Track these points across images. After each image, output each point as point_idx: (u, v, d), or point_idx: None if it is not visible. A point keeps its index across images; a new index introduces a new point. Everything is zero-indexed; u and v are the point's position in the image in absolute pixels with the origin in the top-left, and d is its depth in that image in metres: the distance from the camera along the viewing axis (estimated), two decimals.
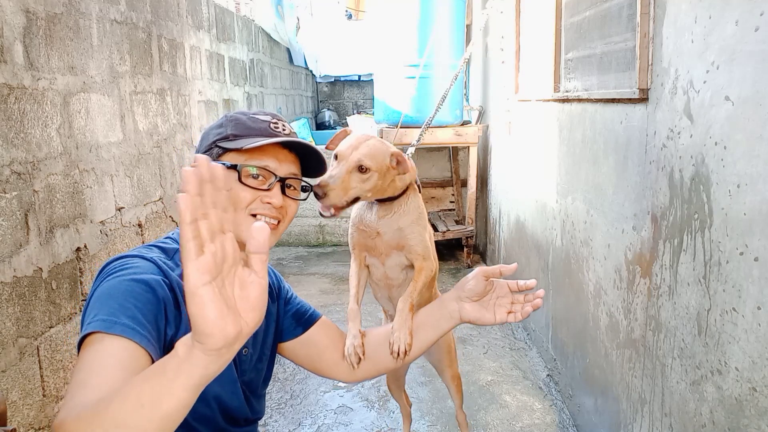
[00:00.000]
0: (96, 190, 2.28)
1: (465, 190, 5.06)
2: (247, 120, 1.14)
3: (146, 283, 0.97)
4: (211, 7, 4.14)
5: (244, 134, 1.12)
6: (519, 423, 2.45)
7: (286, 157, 1.15)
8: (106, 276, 0.99)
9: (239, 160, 1.10)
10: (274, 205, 1.11)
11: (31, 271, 1.83)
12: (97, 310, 0.92)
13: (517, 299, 1.23)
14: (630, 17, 1.79)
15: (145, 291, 0.96)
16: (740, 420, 1.23)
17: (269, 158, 1.11)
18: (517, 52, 3.51)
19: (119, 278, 0.97)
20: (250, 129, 1.13)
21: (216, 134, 1.14)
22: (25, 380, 1.79)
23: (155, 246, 1.11)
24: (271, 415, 2.53)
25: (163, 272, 1.02)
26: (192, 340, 0.65)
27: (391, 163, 1.46)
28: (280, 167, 1.13)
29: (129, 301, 0.93)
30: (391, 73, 4.53)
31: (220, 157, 1.12)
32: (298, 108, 7.83)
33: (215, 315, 0.62)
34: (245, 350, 1.20)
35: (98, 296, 0.95)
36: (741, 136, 1.23)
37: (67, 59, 2.10)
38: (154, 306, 0.97)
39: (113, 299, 0.93)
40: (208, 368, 0.66)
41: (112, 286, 0.96)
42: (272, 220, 1.12)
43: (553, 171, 2.70)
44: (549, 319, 2.83)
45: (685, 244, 1.46)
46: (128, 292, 0.95)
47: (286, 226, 1.18)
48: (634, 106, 1.77)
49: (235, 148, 1.10)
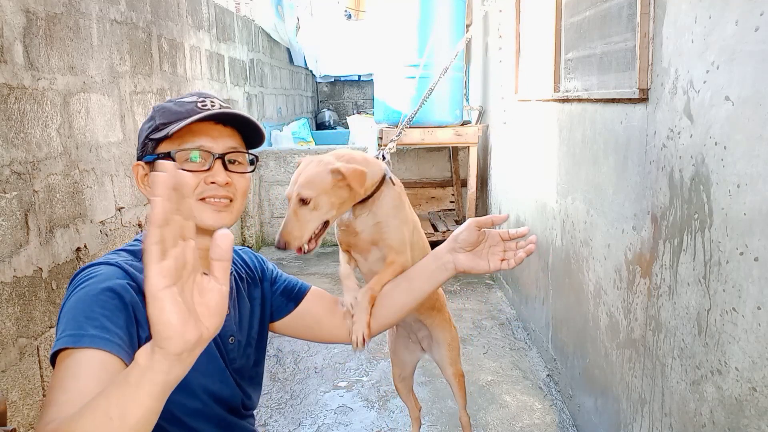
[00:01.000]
0: (96, 190, 2.28)
1: (465, 190, 5.06)
2: (173, 106, 1.11)
3: (111, 289, 0.96)
4: (211, 7, 4.14)
5: (172, 120, 1.08)
6: (519, 423, 2.45)
7: (221, 133, 1.11)
8: (73, 289, 0.99)
9: (173, 146, 1.08)
10: (219, 183, 1.08)
11: (31, 271, 1.83)
12: (65, 326, 0.92)
13: (509, 247, 1.28)
14: (630, 17, 1.79)
15: (110, 298, 0.96)
16: (740, 420, 1.23)
17: (202, 137, 1.08)
18: (516, 52, 3.51)
19: (84, 289, 0.97)
20: (177, 113, 1.09)
21: (147, 128, 1.12)
22: (25, 380, 1.79)
23: (123, 250, 1.11)
24: (271, 415, 2.53)
25: (129, 275, 1.01)
26: (152, 347, 0.65)
27: (335, 179, 1.42)
28: (215, 144, 1.09)
29: (95, 311, 0.93)
30: (391, 73, 4.52)
31: (155, 149, 1.09)
32: (298, 108, 7.83)
33: (176, 318, 0.62)
34: (231, 338, 1.19)
35: (65, 311, 0.95)
36: (741, 136, 1.23)
37: (67, 59, 2.10)
38: (122, 311, 0.96)
39: (79, 312, 0.93)
40: (170, 373, 0.66)
41: (78, 299, 0.96)
42: (223, 199, 1.09)
43: (553, 171, 2.70)
44: (549, 319, 2.83)
45: (685, 244, 1.46)
46: (93, 302, 0.94)
47: (243, 203, 1.15)
48: (634, 106, 1.77)
49: (164, 136, 1.07)
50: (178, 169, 1.01)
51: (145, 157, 1.11)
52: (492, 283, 4.30)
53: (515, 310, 3.66)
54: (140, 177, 1.13)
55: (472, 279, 4.38)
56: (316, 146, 5.89)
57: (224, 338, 1.17)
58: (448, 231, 4.65)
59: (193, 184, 1.06)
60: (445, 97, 4.42)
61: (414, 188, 5.48)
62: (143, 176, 1.12)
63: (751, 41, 1.19)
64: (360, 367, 2.98)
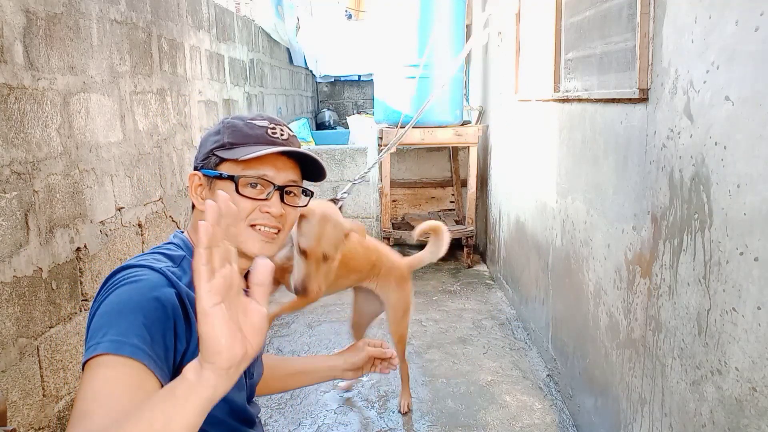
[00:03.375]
0: (96, 190, 2.28)
1: (465, 190, 5.06)
2: (243, 126, 1.12)
3: (157, 299, 0.95)
4: (211, 7, 4.14)
5: (241, 142, 1.10)
6: (519, 423, 2.45)
7: (285, 165, 1.12)
8: (113, 288, 0.96)
9: (236, 170, 1.08)
10: (273, 215, 1.09)
11: (31, 271, 1.83)
12: (107, 328, 0.90)
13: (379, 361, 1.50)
14: (630, 17, 1.79)
15: (155, 309, 0.94)
16: (740, 420, 1.23)
17: (267, 167, 1.09)
18: (516, 52, 3.51)
19: (128, 292, 0.95)
20: (247, 136, 1.10)
21: (213, 142, 1.12)
22: (25, 380, 1.79)
23: (160, 253, 1.09)
24: (271, 415, 2.53)
25: (172, 283, 1.00)
26: (200, 363, 0.69)
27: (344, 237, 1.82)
28: (278, 175, 1.10)
29: (138, 319, 0.91)
30: (391, 73, 4.52)
31: (218, 166, 1.10)
32: (298, 108, 7.83)
33: (225, 335, 0.67)
34: None
35: (107, 311, 0.93)
36: (741, 136, 1.23)
37: (67, 59, 2.10)
38: (164, 324, 0.94)
39: (122, 316, 0.91)
40: (217, 389, 0.69)
41: (121, 300, 0.94)
42: (272, 229, 1.11)
43: (553, 171, 2.71)
44: (549, 319, 2.83)
45: (685, 244, 1.46)
46: (138, 308, 0.93)
47: (287, 234, 1.17)
48: (634, 106, 1.77)
49: (232, 158, 1.08)
50: (238, 193, 1.06)
51: (204, 170, 1.11)
52: (492, 283, 4.30)
53: (515, 310, 3.66)
54: (194, 186, 1.14)
55: (472, 279, 4.38)
56: (316, 146, 5.89)
57: None
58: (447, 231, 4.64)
59: (248, 209, 1.08)
60: (445, 97, 4.42)
61: (414, 188, 5.48)
62: (197, 185, 1.13)
63: (751, 41, 1.19)
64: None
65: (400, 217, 5.37)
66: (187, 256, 1.09)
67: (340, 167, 5.04)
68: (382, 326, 2.99)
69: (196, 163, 1.16)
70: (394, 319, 2.34)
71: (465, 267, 4.69)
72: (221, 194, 0.70)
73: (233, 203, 1.05)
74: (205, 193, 1.13)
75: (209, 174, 1.10)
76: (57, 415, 1.93)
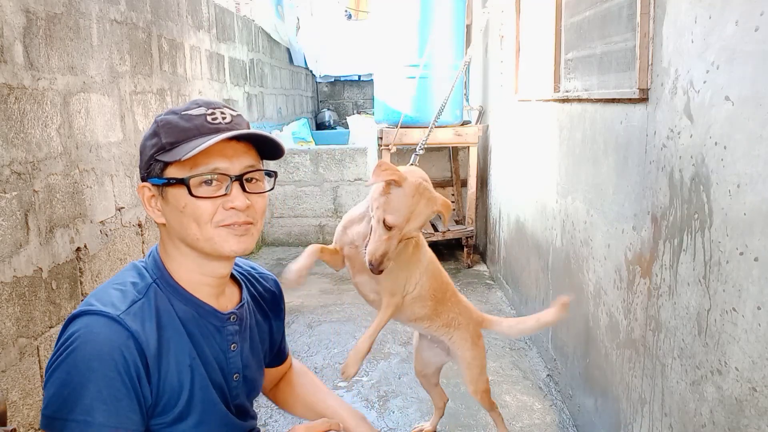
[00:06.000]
0: (96, 190, 2.28)
1: (465, 190, 5.06)
2: (179, 120, 1.00)
3: (116, 365, 0.91)
4: (211, 7, 4.14)
5: (180, 139, 0.98)
6: (519, 423, 2.45)
7: (236, 151, 1.00)
8: (68, 346, 0.92)
9: (184, 171, 0.97)
10: (239, 208, 0.99)
11: (31, 271, 1.83)
12: (72, 404, 0.89)
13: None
14: (630, 17, 1.79)
15: (116, 377, 0.91)
16: (740, 420, 1.23)
17: (216, 158, 0.98)
18: (517, 52, 3.51)
19: (86, 356, 0.91)
20: (186, 130, 0.98)
21: (151, 146, 1.01)
22: (25, 380, 1.79)
23: (123, 288, 1.01)
24: (271, 415, 2.53)
25: (131, 333, 0.94)
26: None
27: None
28: (231, 165, 0.99)
29: (101, 390, 0.90)
30: (391, 73, 4.52)
31: (163, 171, 0.99)
32: (298, 108, 7.83)
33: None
34: (236, 376, 1.13)
35: (68, 380, 0.90)
36: (741, 136, 1.23)
37: (67, 59, 2.10)
38: (127, 391, 0.92)
39: (84, 389, 0.89)
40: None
41: (79, 371, 0.90)
42: (244, 225, 1.01)
43: (553, 171, 2.71)
44: None
45: (685, 244, 1.46)
46: (100, 377, 0.90)
47: (262, 223, 1.08)
48: (634, 106, 1.77)
49: (175, 160, 0.96)
50: (192, 195, 0.97)
51: (151, 179, 1.01)
52: (492, 283, 4.30)
53: (515, 310, 3.66)
54: (147, 198, 1.04)
55: (472, 279, 4.38)
56: (316, 146, 5.89)
57: (228, 377, 1.11)
58: (447, 231, 4.65)
59: (210, 210, 0.98)
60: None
61: None
62: (150, 197, 1.03)
63: (751, 41, 1.19)
64: (360, 368, 2.98)
65: None
66: (154, 282, 1.03)
67: (340, 167, 5.04)
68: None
69: (141, 173, 1.05)
70: (471, 378, 1.97)
71: (465, 267, 4.69)
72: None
73: (191, 208, 0.98)
74: (159, 203, 1.03)
75: (157, 182, 1.00)
76: None
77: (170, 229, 1.03)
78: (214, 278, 1.08)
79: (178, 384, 1.00)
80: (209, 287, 1.08)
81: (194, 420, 1.02)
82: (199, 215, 0.98)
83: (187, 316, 1.04)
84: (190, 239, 1.01)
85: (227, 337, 1.10)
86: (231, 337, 1.10)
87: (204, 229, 0.99)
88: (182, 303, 1.04)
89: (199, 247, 1.02)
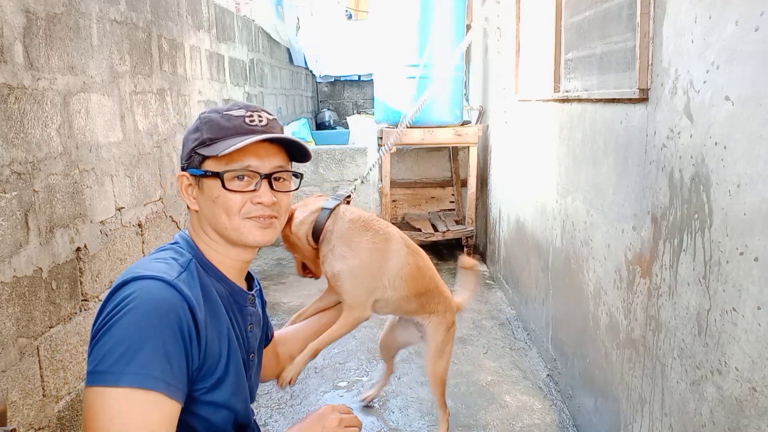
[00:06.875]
0: (96, 190, 2.28)
1: (465, 190, 5.06)
2: (221, 119, 1.11)
3: (173, 323, 0.95)
4: (211, 7, 4.14)
5: (220, 136, 1.09)
6: (519, 423, 2.45)
7: (268, 152, 1.11)
8: (127, 304, 0.94)
9: (220, 165, 1.08)
10: (265, 204, 1.10)
11: (31, 271, 1.83)
12: (129, 357, 0.90)
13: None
14: (630, 17, 1.79)
15: (173, 335, 0.95)
16: (740, 420, 1.23)
17: (250, 157, 1.09)
18: (516, 52, 3.51)
19: (146, 314, 0.94)
20: (225, 129, 1.09)
21: (194, 140, 1.12)
22: (25, 380, 1.79)
23: (171, 258, 1.07)
24: (271, 415, 2.53)
25: (185, 297, 0.99)
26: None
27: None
28: (262, 164, 1.10)
29: (158, 347, 0.92)
30: (391, 73, 4.52)
31: (202, 164, 1.10)
32: (298, 108, 7.83)
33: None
34: (252, 355, 1.23)
35: (125, 336, 0.92)
36: (741, 136, 1.23)
37: (67, 59, 2.10)
38: (181, 350, 0.96)
39: (142, 344, 0.92)
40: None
41: (140, 327, 0.93)
42: (269, 219, 1.12)
43: (553, 171, 2.71)
44: (549, 319, 2.83)
45: (685, 244, 1.46)
46: (157, 335, 0.93)
47: (285, 219, 1.19)
48: (634, 106, 1.77)
49: (213, 155, 1.07)
50: (225, 188, 1.09)
51: (190, 169, 1.12)
52: (492, 283, 4.30)
53: (515, 310, 3.66)
54: (184, 187, 1.13)
55: None
56: (316, 146, 5.89)
57: (246, 356, 1.19)
58: (448, 231, 4.65)
59: (239, 203, 1.09)
60: (445, 97, 4.42)
61: (414, 188, 5.48)
62: (187, 186, 1.13)
63: (751, 41, 1.19)
64: (360, 368, 2.98)
65: (400, 217, 5.38)
66: (193, 258, 1.10)
67: (340, 167, 5.05)
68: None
69: (182, 163, 1.15)
70: (434, 359, 2.12)
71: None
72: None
73: (222, 200, 1.08)
74: (195, 192, 1.12)
75: (195, 173, 1.11)
76: (57, 415, 1.93)
77: (202, 215, 1.13)
78: (239, 262, 1.18)
79: (218, 351, 1.07)
80: (234, 270, 1.17)
81: (228, 390, 1.08)
82: (229, 206, 1.08)
83: (221, 292, 1.13)
84: (220, 227, 1.11)
85: (247, 317, 1.20)
86: (250, 318, 1.21)
87: (232, 219, 1.09)
88: (216, 280, 1.13)
89: (226, 235, 1.12)
